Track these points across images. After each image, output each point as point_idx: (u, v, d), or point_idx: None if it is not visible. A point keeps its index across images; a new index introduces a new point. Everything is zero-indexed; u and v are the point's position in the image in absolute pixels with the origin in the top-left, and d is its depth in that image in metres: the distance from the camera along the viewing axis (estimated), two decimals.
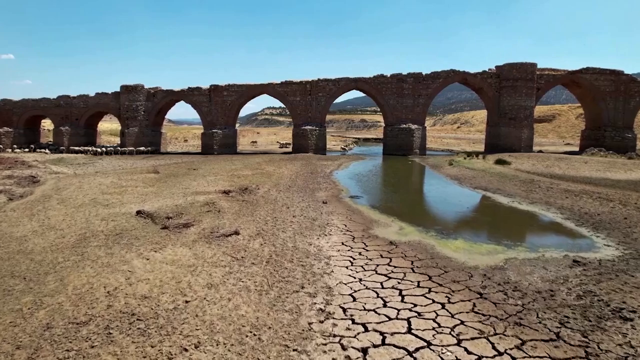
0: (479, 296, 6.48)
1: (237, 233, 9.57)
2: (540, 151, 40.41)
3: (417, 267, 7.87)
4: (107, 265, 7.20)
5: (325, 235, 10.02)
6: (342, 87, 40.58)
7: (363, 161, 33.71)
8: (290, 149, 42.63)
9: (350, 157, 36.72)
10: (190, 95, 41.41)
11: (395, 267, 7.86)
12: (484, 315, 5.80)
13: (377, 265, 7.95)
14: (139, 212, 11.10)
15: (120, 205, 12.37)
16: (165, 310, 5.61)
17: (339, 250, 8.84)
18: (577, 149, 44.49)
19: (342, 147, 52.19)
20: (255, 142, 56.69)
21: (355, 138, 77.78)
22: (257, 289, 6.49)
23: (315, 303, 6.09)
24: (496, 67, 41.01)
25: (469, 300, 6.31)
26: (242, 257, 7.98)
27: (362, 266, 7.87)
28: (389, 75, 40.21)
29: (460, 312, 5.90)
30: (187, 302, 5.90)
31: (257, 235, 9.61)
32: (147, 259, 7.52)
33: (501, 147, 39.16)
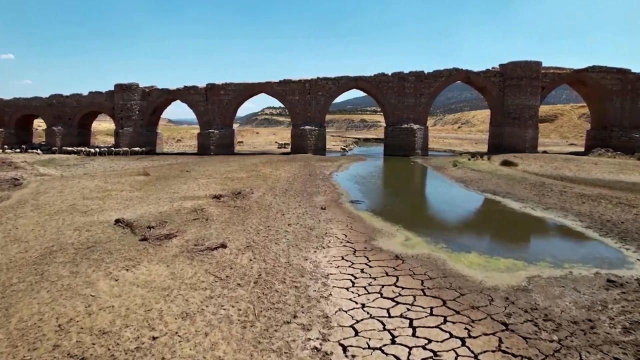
0: (504, 328, 5.45)
1: (223, 246, 8.54)
2: (544, 151, 39.40)
3: (428, 288, 6.83)
4: (67, 289, 6.16)
5: (323, 247, 8.98)
6: (342, 86, 39.55)
7: (364, 162, 32.68)
8: (289, 150, 41.59)
9: (350, 158, 35.69)
10: (187, 94, 40.36)
11: (403, 288, 6.83)
12: (514, 356, 4.76)
13: (383, 286, 6.91)
14: (117, 221, 10.06)
15: (99, 212, 11.34)
16: (125, 351, 4.57)
17: (338, 267, 7.80)
18: (581, 149, 43.47)
19: (342, 147, 51.16)
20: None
21: (356, 138, 76.78)
22: (241, 319, 5.45)
23: (309, 339, 5.05)
24: (500, 65, 39.99)
25: (494, 334, 5.28)
26: (226, 276, 6.94)
27: (365, 287, 6.83)
28: (390, 74, 39.17)
29: (484, 351, 4.87)
30: (154, 338, 4.87)
31: (247, 248, 8.57)
32: (116, 280, 6.48)
33: (505, 148, 38.16)
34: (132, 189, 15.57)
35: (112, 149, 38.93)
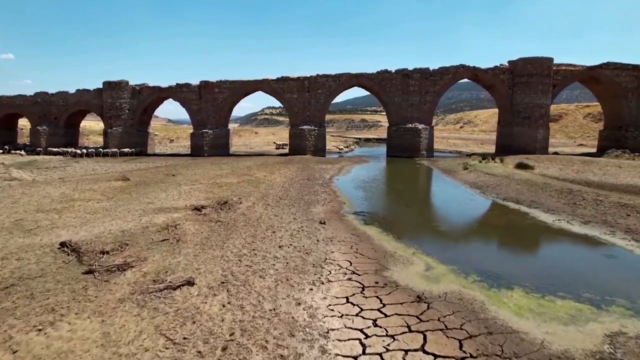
0: None
1: (190, 283, 6.47)
2: (555, 153, 37.37)
3: (471, 356, 4.77)
4: None
5: (322, 282, 6.91)
6: (343, 83, 37.46)
7: (366, 164, 30.59)
8: (287, 150, 39.52)
9: (352, 160, 33.61)
10: (179, 92, 38.29)
11: (435, 356, 4.76)
12: None
13: (406, 352, 4.84)
14: (63, 245, 7.99)
15: (48, 230, 9.27)
16: None
17: (342, 316, 5.73)
18: (591, 150, 41.52)
19: (340, 147, 49.08)
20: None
21: (356, 138, 74.77)
22: None
23: None
24: (509, 62, 37.96)
25: None
26: (184, 338, 4.87)
27: (381, 355, 4.76)
28: (393, 71, 37.13)
29: None
30: None
31: (221, 286, 6.50)
32: (14, 352, 4.41)
33: (514, 149, 36.18)
34: (103, 197, 13.50)
35: (101, 149, 36.89)
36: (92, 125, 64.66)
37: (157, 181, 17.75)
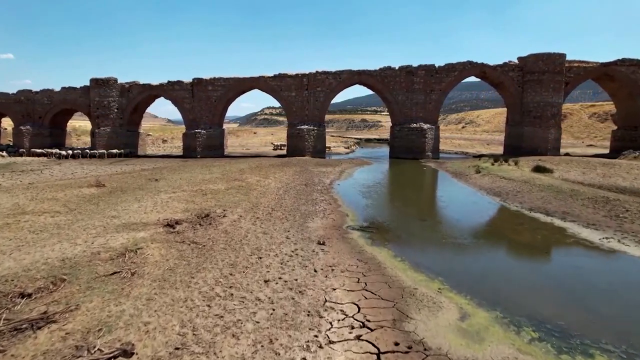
0: None
1: (126, 354, 4.41)
2: (567, 154, 35.35)
3: None
4: None
5: (320, 346, 4.85)
6: (344, 80, 35.38)
7: (369, 167, 28.51)
8: (285, 151, 37.47)
9: (353, 162, 31.53)
10: (170, 90, 36.20)
11: None
12: None
13: None
14: None
15: None
16: None
17: None
18: (601, 150, 39.61)
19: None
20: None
21: (357, 138, 72.69)
22: None
23: None
24: (519, 58, 35.94)
25: None
26: None
27: None
28: (397, 68, 35.08)
29: None
30: None
31: (172, 356, 4.44)
32: None
33: (524, 150, 34.21)
34: (62, 209, 11.44)
35: (87, 150, 34.82)
36: (86, 125, 62.53)
37: (135, 188, 15.69)
